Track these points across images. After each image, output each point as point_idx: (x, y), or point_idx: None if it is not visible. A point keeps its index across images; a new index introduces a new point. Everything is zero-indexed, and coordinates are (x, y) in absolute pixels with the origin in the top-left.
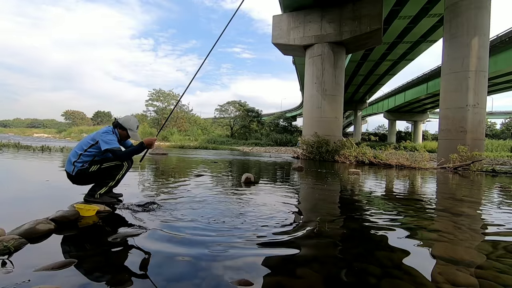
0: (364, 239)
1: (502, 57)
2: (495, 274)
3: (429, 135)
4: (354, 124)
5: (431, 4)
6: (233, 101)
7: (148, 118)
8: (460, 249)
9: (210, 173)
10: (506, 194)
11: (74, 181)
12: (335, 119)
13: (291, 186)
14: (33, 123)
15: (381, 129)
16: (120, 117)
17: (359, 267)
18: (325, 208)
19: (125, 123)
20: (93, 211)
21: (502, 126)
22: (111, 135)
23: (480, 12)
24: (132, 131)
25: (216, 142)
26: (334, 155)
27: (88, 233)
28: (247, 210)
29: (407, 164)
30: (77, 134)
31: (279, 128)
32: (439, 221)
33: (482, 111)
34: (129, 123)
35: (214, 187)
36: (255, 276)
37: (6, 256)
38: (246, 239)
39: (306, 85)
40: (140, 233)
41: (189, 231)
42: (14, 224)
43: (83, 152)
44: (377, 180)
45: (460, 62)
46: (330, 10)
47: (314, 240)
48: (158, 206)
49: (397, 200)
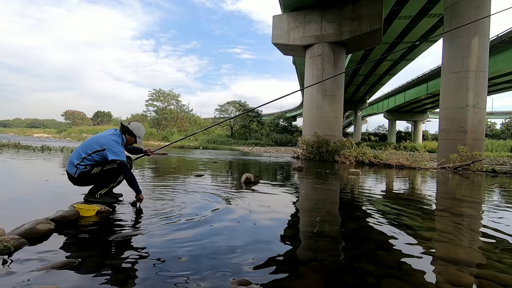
0: (364, 239)
1: (502, 57)
2: (495, 274)
3: (429, 135)
4: (354, 124)
5: (431, 4)
6: (233, 101)
7: (148, 118)
8: (460, 249)
9: (210, 173)
10: (506, 194)
11: (75, 182)
12: (335, 119)
13: (291, 186)
14: (33, 123)
15: (381, 129)
16: (122, 119)
17: (359, 267)
18: (325, 208)
19: (136, 131)
20: (93, 211)
21: (502, 126)
22: (121, 147)
23: (480, 12)
24: (140, 138)
25: (216, 142)
26: (334, 155)
27: (88, 233)
28: (247, 209)
29: (407, 164)
30: (77, 134)
31: (279, 128)
32: (439, 221)
33: (482, 111)
34: (140, 131)
35: (214, 187)
36: (255, 276)
37: (6, 256)
38: (246, 239)
39: (306, 85)
40: (140, 233)
41: (188, 231)
42: (14, 224)
43: (87, 156)
44: (377, 180)
45: (460, 62)
46: (330, 10)
47: (314, 240)
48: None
49: (397, 200)
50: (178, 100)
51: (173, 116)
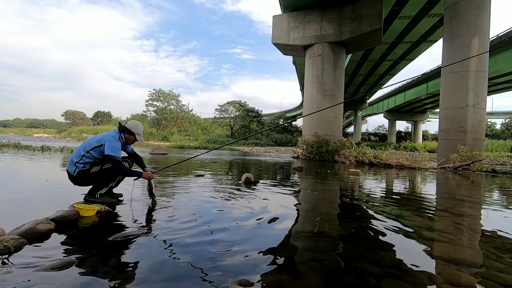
0: (364, 239)
1: (502, 57)
2: (495, 274)
3: (429, 135)
4: (354, 124)
5: (431, 4)
6: (233, 101)
7: (148, 118)
8: (460, 249)
9: (210, 173)
10: (505, 194)
11: (75, 181)
12: (335, 119)
13: (291, 186)
14: (33, 123)
15: (381, 129)
16: (121, 119)
17: (359, 267)
18: (325, 208)
19: (133, 128)
20: (93, 211)
21: (502, 126)
22: (118, 143)
23: (480, 12)
24: (139, 135)
25: (216, 142)
26: (334, 155)
27: (88, 233)
28: (247, 209)
29: (407, 164)
30: (77, 134)
31: (279, 128)
32: (439, 221)
33: (482, 111)
34: (137, 128)
35: (214, 187)
36: (255, 276)
37: (6, 256)
38: (246, 239)
39: (306, 85)
40: (140, 233)
41: (188, 231)
42: (14, 224)
43: (86, 153)
44: (377, 180)
45: (460, 62)
46: (330, 10)
47: (314, 240)
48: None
49: (397, 200)
50: (178, 100)
51: (173, 116)
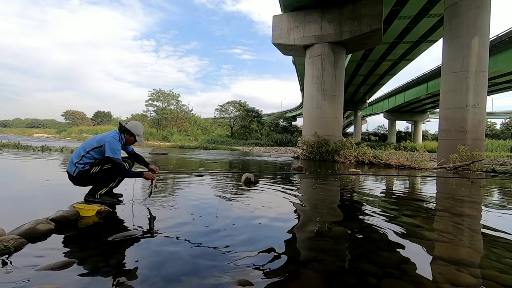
0: (364, 239)
1: (502, 57)
2: (495, 274)
3: (429, 135)
4: (354, 124)
5: (431, 4)
6: (233, 101)
7: (148, 118)
8: (460, 249)
9: (210, 173)
10: (505, 194)
11: (75, 182)
12: (335, 119)
13: (291, 186)
14: (33, 123)
15: (381, 129)
16: (121, 119)
17: (359, 267)
18: (325, 208)
19: (134, 129)
20: (93, 211)
21: (502, 126)
22: (118, 144)
23: (480, 12)
24: (139, 136)
25: (216, 142)
26: (334, 155)
27: (88, 233)
28: (247, 209)
29: (407, 164)
30: (77, 134)
31: (279, 128)
32: (439, 221)
33: (482, 111)
34: (137, 129)
35: (214, 187)
36: (255, 276)
37: (6, 256)
38: (246, 240)
39: (306, 85)
40: (140, 233)
41: (188, 231)
42: (14, 224)
43: (86, 154)
44: (377, 180)
45: (460, 62)
46: (330, 10)
47: (314, 240)
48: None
49: (397, 200)
50: (178, 100)
51: (173, 116)
